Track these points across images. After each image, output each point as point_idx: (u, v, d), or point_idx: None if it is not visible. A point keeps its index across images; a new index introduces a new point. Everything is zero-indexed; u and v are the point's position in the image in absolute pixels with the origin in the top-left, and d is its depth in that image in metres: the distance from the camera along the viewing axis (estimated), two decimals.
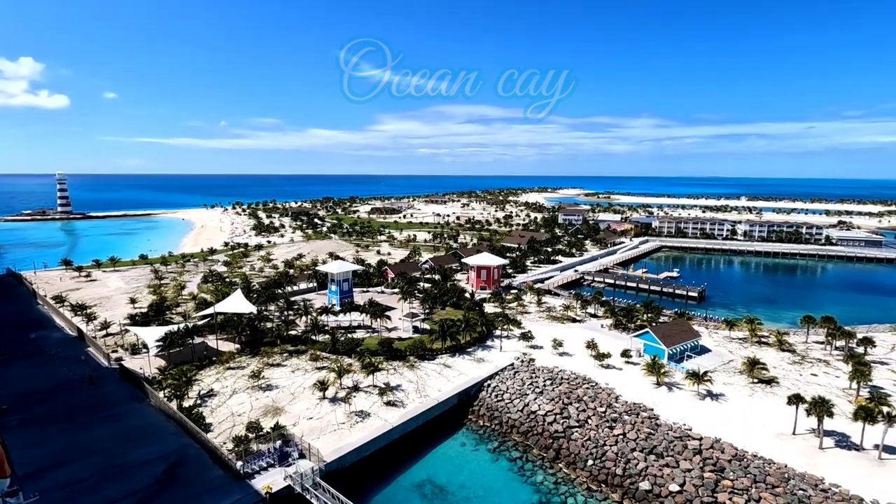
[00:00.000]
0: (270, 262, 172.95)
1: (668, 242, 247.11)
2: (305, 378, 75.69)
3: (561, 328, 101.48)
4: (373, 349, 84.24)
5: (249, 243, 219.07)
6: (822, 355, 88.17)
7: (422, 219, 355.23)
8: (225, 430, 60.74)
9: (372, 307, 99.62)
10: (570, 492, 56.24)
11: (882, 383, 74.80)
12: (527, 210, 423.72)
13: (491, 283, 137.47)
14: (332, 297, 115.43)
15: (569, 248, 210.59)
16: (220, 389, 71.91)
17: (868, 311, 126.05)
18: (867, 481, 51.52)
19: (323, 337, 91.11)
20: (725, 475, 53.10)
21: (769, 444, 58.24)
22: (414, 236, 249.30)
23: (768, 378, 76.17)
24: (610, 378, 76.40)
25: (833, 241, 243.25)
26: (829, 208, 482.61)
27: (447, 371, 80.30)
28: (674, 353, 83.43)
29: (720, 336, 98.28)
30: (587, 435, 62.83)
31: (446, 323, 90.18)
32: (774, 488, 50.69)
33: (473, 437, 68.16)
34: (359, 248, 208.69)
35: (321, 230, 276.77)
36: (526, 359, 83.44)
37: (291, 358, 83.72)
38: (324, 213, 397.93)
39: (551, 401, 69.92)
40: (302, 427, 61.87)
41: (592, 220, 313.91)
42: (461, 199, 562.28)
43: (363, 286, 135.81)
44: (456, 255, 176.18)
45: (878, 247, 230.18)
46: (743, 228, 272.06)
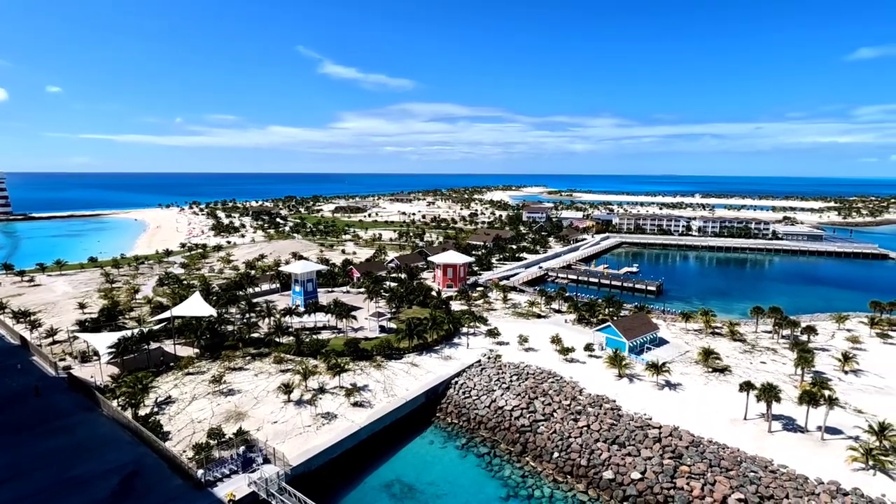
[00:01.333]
0: (231, 264, 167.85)
1: (627, 239, 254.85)
2: (269, 381, 73.96)
3: (526, 324, 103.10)
4: (339, 350, 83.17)
5: (208, 244, 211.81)
6: (771, 344, 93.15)
7: (387, 217, 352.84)
8: (185, 438, 58.65)
9: (337, 307, 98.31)
10: (536, 484, 57.31)
11: (824, 369, 79.75)
12: (492, 208, 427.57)
13: (457, 281, 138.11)
14: (295, 298, 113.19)
15: (533, 245, 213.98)
16: (178, 396, 69.34)
17: (811, 301, 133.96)
18: (811, 460, 54.85)
19: (287, 339, 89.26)
20: (683, 461, 55.38)
21: (723, 430, 61.10)
22: (379, 235, 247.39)
23: (722, 367, 79.85)
24: (574, 371, 78.23)
25: (779, 235, 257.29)
26: (775, 205, 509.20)
27: (414, 370, 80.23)
28: (634, 346, 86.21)
29: (677, 328, 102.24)
30: (553, 428, 64.17)
31: (413, 321, 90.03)
32: (728, 471, 53.28)
33: (442, 435, 68.42)
34: (323, 248, 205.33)
35: (284, 230, 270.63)
36: (493, 355, 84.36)
37: (254, 361, 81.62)
38: (286, 212, 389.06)
39: (518, 396, 71.00)
40: (266, 431, 60.47)
41: (556, 218, 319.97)
42: (427, 198, 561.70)
43: (328, 286, 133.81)
44: (422, 253, 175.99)
45: (819, 241, 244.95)
46: (697, 225, 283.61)
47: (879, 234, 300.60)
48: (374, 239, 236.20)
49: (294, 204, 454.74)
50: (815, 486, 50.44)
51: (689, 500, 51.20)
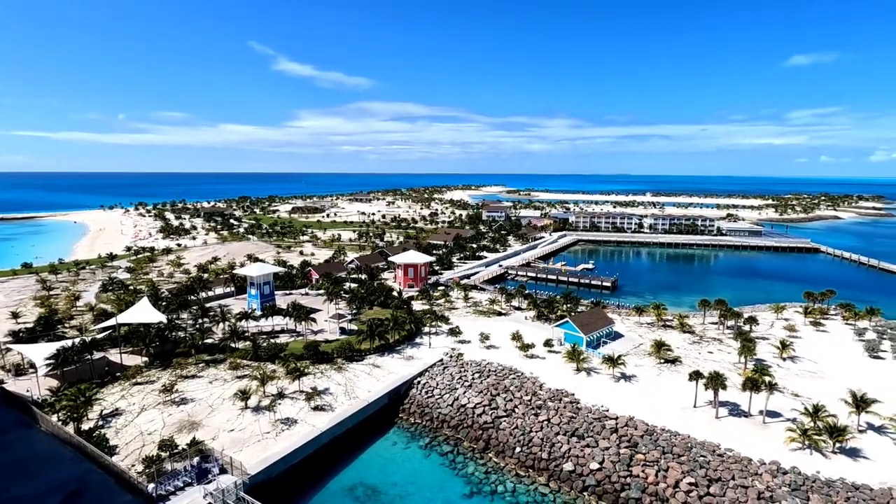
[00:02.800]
0: (181, 267, 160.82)
1: (583, 236, 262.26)
2: (225, 388, 71.41)
3: (487, 322, 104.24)
4: (298, 353, 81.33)
5: (156, 247, 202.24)
6: (717, 334, 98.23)
7: (346, 218, 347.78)
8: (133, 452, 55.78)
9: (296, 310, 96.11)
10: (499, 479, 58.10)
11: (764, 356, 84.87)
12: (452, 207, 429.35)
13: (418, 281, 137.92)
14: (252, 302, 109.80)
15: (493, 243, 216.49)
16: (126, 407, 65.84)
17: (752, 293, 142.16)
18: (754, 443, 58.28)
19: (243, 344, 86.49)
20: (639, 450, 57.60)
21: (675, 418, 63.94)
22: (338, 236, 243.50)
23: (673, 358, 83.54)
24: (534, 367, 79.78)
25: (723, 231, 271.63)
26: (719, 202, 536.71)
27: (377, 371, 79.55)
28: (591, 340, 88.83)
29: (631, 322, 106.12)
30: (514, 423, 65.22)
31: (374, 322, 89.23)
32: (680, 457, 55.85)
33: (405, 436, 68.19)
34: (280, 250, 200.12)
35: (238, 231, 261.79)
36: (455, 354, 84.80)
37: (208, 368, 78.58)
38: (240, 213, 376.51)
39: (480, 393, 71.72)
40: (222, 440, 58.38)
41: (514, 217, 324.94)
42: (386, 198, 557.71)
43: (286, 289, 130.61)
44: (382, 253, 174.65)
45: (759, 236, 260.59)
46: (648, 222, 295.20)
47: (811, 229, 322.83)
48: (334, 239, 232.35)
49: (249, 204, 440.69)
50: (758, 467, 53.65)
51: (645, 486, 53.31)
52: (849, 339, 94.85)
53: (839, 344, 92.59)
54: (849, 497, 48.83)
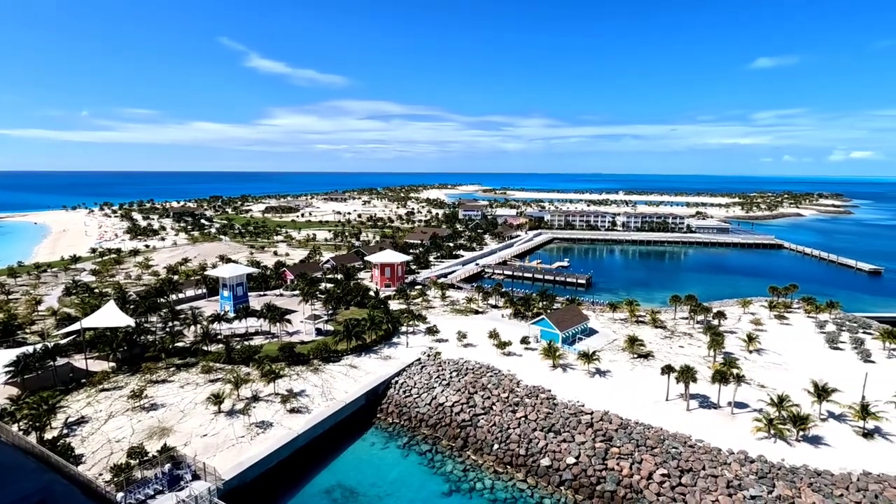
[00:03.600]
0: (150, 269, 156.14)
1: (558, 234, 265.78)
2: (197, 392, 69.70)
3: (465, 320, 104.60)
4: (273, 355, 79.99)
5: (123, 248, 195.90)
6: (687, 329, 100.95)
7: (321, 217, 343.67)
8: (101, 460, 53.94)
9: (270, 311, 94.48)
10: (477, 477, 58.43)
11: (732, 349, 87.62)
12: (428, 206, 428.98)
13: (395, 280, 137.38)
14: (224, 304, 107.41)
15: (469, 242, 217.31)
16: (92, 415, 63.58)
17: (720, 288, 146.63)
18: (723, 433, 60.14)
19: (216, 347, 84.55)
20: (613, 443, 58.77)
21: (648, 411, 65.44)
22: (314, 235, 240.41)
23: (645, 353, 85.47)
24: (511, 364, 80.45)
25: (693, 229, 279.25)
26: (688, 200, 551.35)
27: (354, 371, 78.92)
28: (567, 337, 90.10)
29: (605, 318, 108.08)
30: (492, 421, 65.67)
31: (351, 323, 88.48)
32: (653, 449, 57.21)
33: (383, 436, 67.88)
34: (253, 250, 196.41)
35: (209, 231, 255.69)
36: (432, 353, 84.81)
37: (180, 372, 76.55)
38: (212, 212, 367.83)
39: (458, 391, 71.94)
40: (195, 446, 56.99)
41: (491, 216, 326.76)
42: (362, 197, 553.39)
43: (260, 290, 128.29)
44: (359, 253, 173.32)
45: (727, 233, 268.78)
46: (621, 220, 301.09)
47: (776, 226, 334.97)
48: (309, 239, 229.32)
49: (220, 204, 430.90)
50: (727, 457, 55.41)
51: (620, 479, 54.42)
52: (811, 332, 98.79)
53: (802, 336, 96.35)
54: (811, 483, 50.90)
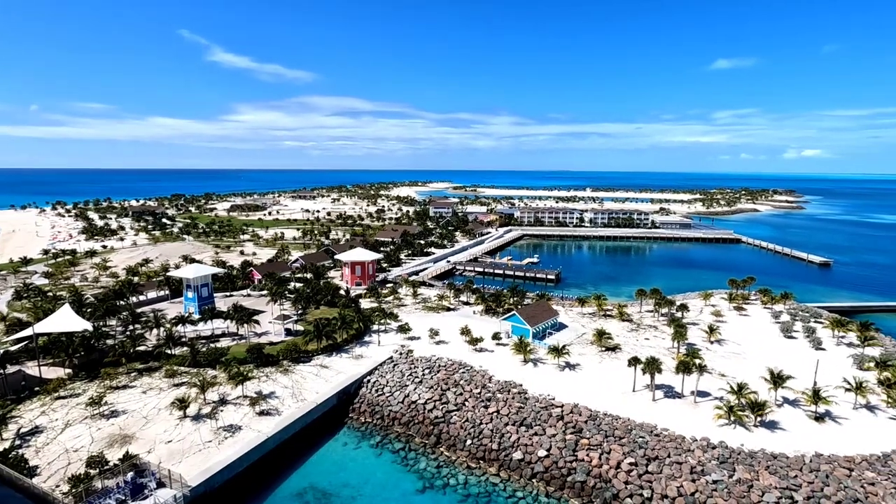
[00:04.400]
0: (108, 271, 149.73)
1: (528, 231, 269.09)
2: (161, 398, 67.44)
3: (437, 317, 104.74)
4: (241, 357, 78.20)
5: (78, 249, 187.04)
6: (652, 321, 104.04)
7: (289, 215, 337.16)
8: (58, 471, 51.54)
9: (237, 312, 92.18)
10: (451, 473, 58.72)
11: (695, 340, 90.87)
12: (399, 204, 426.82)
13: (366, 279, 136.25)
14: (189, 305, 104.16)
15: (441, 239, 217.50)
16: (47, 424, 60.66)
17: (683, 281, 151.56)
18: (687, 421, 62.37)
19: (180, 350, 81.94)
20: (583, 434, 60.10)
21: (616, 402, 67.18)
22: (282, 234, 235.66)
23: (613, 345, 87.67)
24: (483, 360, 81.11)
25: (657, 224, 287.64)
26: (653, 197, 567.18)
27: (325, 371, 77.94)
28: (537, 332, 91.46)
29: (574, 312, 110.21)
30: (465, 417, 66.09)
31: (321, 322, 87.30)
32: (621, 439, 58.82)
33: (355, 436, 67.36)
34: (219, 250, 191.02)
35: (171, 231, 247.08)
36: (404, 351, 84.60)
37: (142, 377, 73.88)
38: (174, 211, 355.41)
39: (430, 389, 72.05)
40: (159, 453, 55.17)
41: (461, 213, 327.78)
42: (331, 194, 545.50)
43: (226, 290, 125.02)
44: (328, 251, 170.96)
45: (689, 228, 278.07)
46: (589, 216, 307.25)
47: (734, 221, 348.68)
48: (276, 238, 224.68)
49: (183, 203, 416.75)
50: (691, 444, 57.51)
51: (589, 469, 55.72)
52: (767, 322, 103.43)
53: (759, 326, 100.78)
54: (768, 466, 53.41)
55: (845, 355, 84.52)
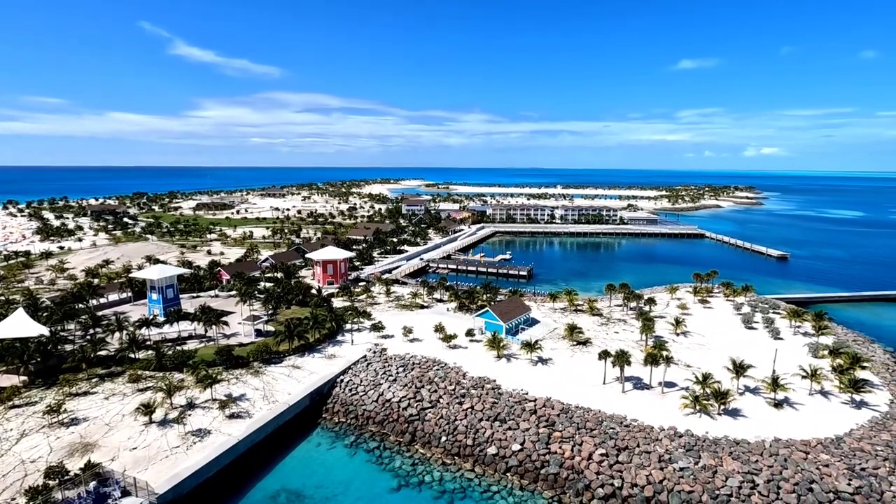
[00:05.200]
0: (66, 273, 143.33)
1: (500, 228, 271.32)
2: (124, 403, 65.11)
3: (410, 315, 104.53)
4: (209, 360, 76.19)
5: (33, 251, 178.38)
6: (622, 315, 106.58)
7: (258, 214, 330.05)
8: (13, 483, 49.17)
9: (205, 313, 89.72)
10: (426, 470, 58.82)
11: (662, 333, 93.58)
12: (371, 202, 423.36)
13: (338, 277, 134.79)
14: (153, 307, 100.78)
15: (413, 237, 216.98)
16: (1, 434, 57.72)
17: (651, 276, 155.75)
18: (655, 412, 64.24)
19: (145, 353, 79.26)
20: (556, 428, 61.14)
21: (587, 395, 68.59)
22: (250, 233, 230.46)
23: (584, 339, 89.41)
24: (457, 357, 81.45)
25: (625, 221, 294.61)
26: (621, 194, 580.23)
27: (297, 372, 76.77)
28: (510, 328, 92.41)
29: (546, 308, 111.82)
30: (440, 413, 66.27)
31: (293, 322, 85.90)
32: (592, 431, 60.11)
33: (329, 436, 66.66)
34: (184, 250, 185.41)
35: (134, 231, 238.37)
36: (378, 349, 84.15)
37: (103, 383, 71.12)
38: (136, 210, 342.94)
39: (405, 386, 71.91)
40: (124, 460, 53.29)
41: (434, 210, 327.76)
42: (302, 192, 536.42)
43: (192, 291, 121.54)
44: (299, 250, 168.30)
45: (655, 224, 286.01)
46: (559, 213, 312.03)
47: (698, 217, 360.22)
48: (245, 237, 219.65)
49: (146, 201, 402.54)
50: (659, 433, 59.27)
51: (562, 461, 56.76)
52: (729, 314, 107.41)
53: (722, 318, 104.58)
54: (731, 452, 55.57)
55: (801, 344, 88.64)
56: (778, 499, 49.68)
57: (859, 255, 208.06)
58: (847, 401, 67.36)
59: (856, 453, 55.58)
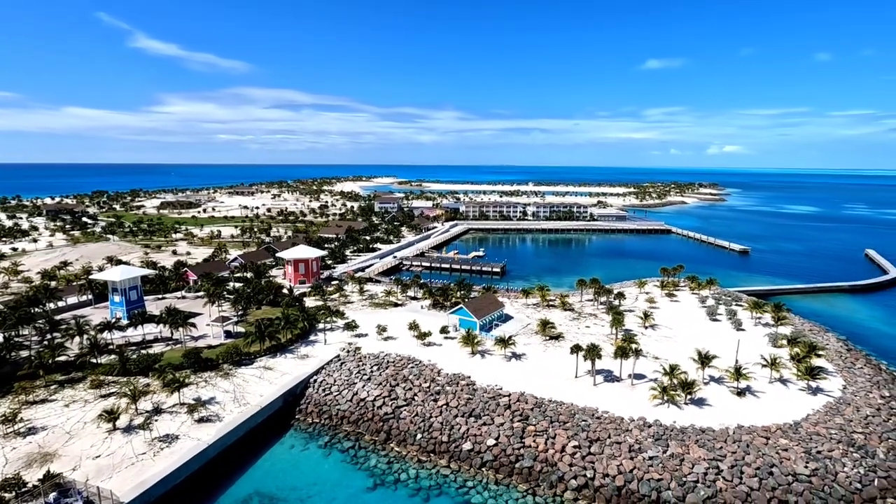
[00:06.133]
0: (20, 275, 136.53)
1: (474, 225, 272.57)
2: (86, 410, 62.65)
3: (384, 313, 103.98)
4: (176, 363, 74.06)
5: None
6: (592, 310, 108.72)
7: (227, 212, 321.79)
8: None
9: (171, 315, 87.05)
10: (402, 468, 58.74)
11: (631, 326, 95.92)
12: (343, 199, 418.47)
13: (310, 276, 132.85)
14: (116, 310, 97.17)
15: (387, 235, 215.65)
16: None
17: (620, 271, 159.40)
18: (625, 403, 65.89)
19: (108, 358, 76.42)
20: (530, 422, 61.98)
21: (560, 389, 69.77)
22: (218, 232, 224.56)
23: (556, 334, 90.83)
24: (432, 354, 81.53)
25: (595, 217, 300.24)
26: (591, 191, 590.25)
27: (268, 373, 75.39)
28: (484, 324, 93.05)
29: (519, 304, 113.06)
30: (415, 411, 66.24)
31: (263, 322, 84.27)
32: (565, 424, 61.21)
33: (303, 437, 65.76)
34: (148, 250, 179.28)
35: (93, 231, 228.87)
36: (352, 348, 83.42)
37: (63, 390, 68.25)
38: (95, 210, 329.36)
39: (379, 385, 71.56)
40: (86, 469, 51.29)
41: (407, 208, 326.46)
42: (271, 190, 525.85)
43: (158, 293, 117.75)
44: (270, 249, 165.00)
45: (624, 220, 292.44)
46: (531, 210, 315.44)
47: (665, 213, 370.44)
48: (213, 236, 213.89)
49: (106, 200, 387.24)
50: (629, 424, 60.83)
51: (536, 455, 57.61)
52: (694, 307, 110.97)
53: (688, 311, 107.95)
54: (697, 439, 57.55)
55: (762, 334, 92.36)
56: (741, 483, 51.76)
57: (814, 249, 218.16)
58: (804, 387, 70.64)
59: (812, 437, 58.39)
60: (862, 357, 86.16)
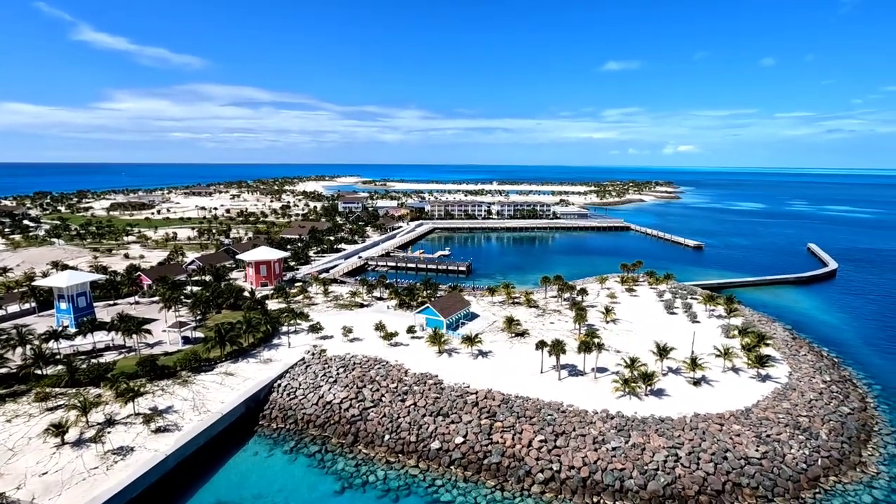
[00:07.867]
0: None
1: (439, 224, 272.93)
2: (30, 425, 59.03)
3: (350, 314, 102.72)
4: (130, 371, 70.80)
5: None
6: (557, 306, 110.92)
7: (182, 213, 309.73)
8: None
9: (123, 322, 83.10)
10: (370, 470, 58.21)
11: (594, 321, 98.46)
12: (305, 199, 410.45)
13: (272, 278, 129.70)
14: (62, 318, 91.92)
15: (351, 235, 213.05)
16: None
17: (582, 267, 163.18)
18: (589, 396, 67.59)
19: (54, 369, 72.18)
20: (497, 418, 62.67)
21: (526, 385, 70.85)
22: (174, 234, 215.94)
23: (522, 331, 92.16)
24: (399, 354, 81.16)
25: (557, 215, 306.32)
26: (553, 189, 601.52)
27: (230, 379, 73.12)
28: (451, 323, 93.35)
29: (485, 302, 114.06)
30: (382, 412, 65.77)
31: (224, 327, 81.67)
32: (531, 419, 62.23)
33: (267, 443, 64.14)
34: (98, 254, 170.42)
35: (36, 234, 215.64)
36: (317, 351, 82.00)
37: (4, 404, 64.05)
38: (38, 212, 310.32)
39: (346, 387, 70.67)
40: (32, 488, 48.35)
41: (372, 207, 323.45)
42: (230, 190, 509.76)
43: (109, 299, 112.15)
44: (229, 251, 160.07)
45: (586, 218, 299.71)
46: (496, 209, 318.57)
47: (624, 210, 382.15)
48: (168, 239, 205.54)
49: (50, 201, 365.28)
50: (593, 416, 62.46)
51: (504, 450, 58.31)
52: (653, 301, 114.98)
53: (647, 305, 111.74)
54: (657, 429, 59.70)
55: (715, 326, 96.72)
56: (698, 468, 54.07)
57: (762, 244, 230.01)
58: (754, 375, 74.46)
59: (762, 422, 61.65)
60: (805, 345, 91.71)
